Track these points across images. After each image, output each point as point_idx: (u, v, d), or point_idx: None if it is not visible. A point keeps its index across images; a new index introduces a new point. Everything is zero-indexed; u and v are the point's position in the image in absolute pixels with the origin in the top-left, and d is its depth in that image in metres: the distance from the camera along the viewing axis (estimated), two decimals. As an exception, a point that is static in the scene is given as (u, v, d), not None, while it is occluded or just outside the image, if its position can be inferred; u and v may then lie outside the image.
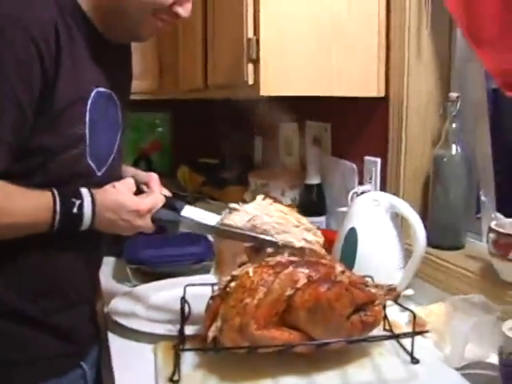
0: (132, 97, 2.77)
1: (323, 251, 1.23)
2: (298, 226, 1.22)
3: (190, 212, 1.26)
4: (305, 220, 1.24)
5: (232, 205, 1.22)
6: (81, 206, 1.11)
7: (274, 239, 1.19)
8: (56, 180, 1.12)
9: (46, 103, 1.08)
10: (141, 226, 1.19)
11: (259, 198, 1.24)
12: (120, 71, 1.32)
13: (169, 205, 1.25)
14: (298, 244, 1.20)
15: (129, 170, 1.40)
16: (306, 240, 1.21)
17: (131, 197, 1.18)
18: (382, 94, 1.67)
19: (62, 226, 1.10)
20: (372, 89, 1.67)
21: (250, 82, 1.57)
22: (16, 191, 1.07)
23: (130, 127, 3.21)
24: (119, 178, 1.24)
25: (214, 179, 2.56)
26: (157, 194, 1.24)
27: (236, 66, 1.64)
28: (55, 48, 1.07)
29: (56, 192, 1.10)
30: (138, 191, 1.23)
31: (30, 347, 1.16)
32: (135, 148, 3.22)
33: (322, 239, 1.25)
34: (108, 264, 1.87)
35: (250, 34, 1.55)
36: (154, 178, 1.29)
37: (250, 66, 1.56)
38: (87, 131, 1.15)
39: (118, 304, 1.42)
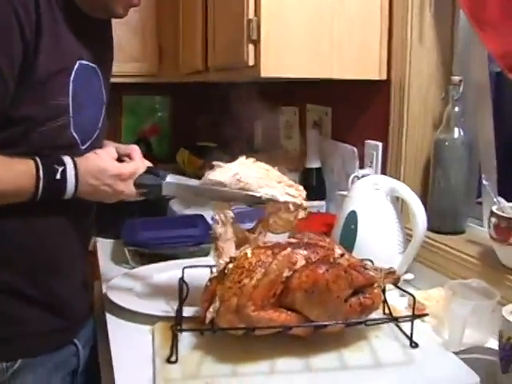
0: (131, 80, 2.79)
1: (305, 204, 1.24)
2: (280, 182, 1.24)
3: (172, 178, 1.26)
4: (286, 178, 1.26)
5: (215, 162, 1.22)
6: (64, 172, 1.12)
7: (257, 194, 1.20)
8: (38, 151, 1.12)
9: (28, 73, 1.07)
10: (123, 191, 1.20)
11: (242, 157, 1.25)
12: (103, 47, 1.32)
13: (151, 173, 1.26)
14: (282, 198, 1.20)
15: (109, 143, 1.39)
16: (288, 194, 1.22)
17: (113, 162, 1.20)
18: (384, 77, 1.65)
19: (45, 193, 1.10)
20: (373, 71, 1.65)
21: (251, 63, 1.56)
22: None
23: (129, 111, 3.23)
24: None
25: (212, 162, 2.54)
26: (138, 161, 1.25)
27: (236, 47, 1.63)
28: (35, 17, 1.07)
29: (38, 159, 1.10)
30: (120, 161, 1.24)
31: (22, 322, 1.16)
32: (134, 131, 3.21)
33: (304, 193, 1.26)
34: (106, 246, 1.87)
35: (251, 15, 1.54)
36: (135, 148, 1.29)
37: (251, 47, 1.54)
38: (70, 102, 1.15)
39: (116, 285, 1.42)
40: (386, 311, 1.22)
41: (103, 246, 1.89)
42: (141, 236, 1.64)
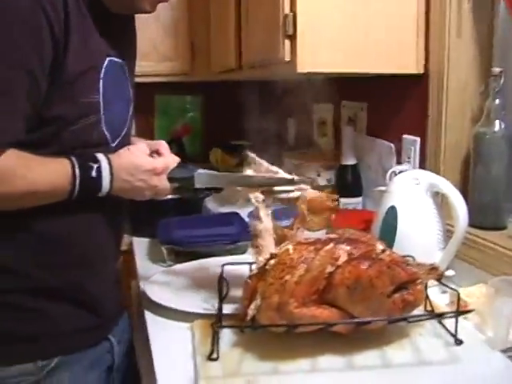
0: (164, 79, 2.80)
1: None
2: None
3: (203, 170, 1.28)
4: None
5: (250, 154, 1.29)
6: (99, 169, 1.12)
7: (289, 176, 1.24)
8: (70, 151, 1.12)
9: (58, 72, 1.07)
10: (157, 185, 1.19)
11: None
12: (128, 44, 1.33)
13: (182, 167, 1.27)
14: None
15: (137, 139, 1.40)
16: None
17: (146, 157, 1.20)
18: (421, 71, 1.63)
19: (81, 191, 1.10)
20: (410, 65, 1.63)
21: (287, 58, 1.54)
22: (34, 159, 1.07)
23: (161, 111, 3.24)
24: None
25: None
26: (169, 156, 1.25)
27: (271, 43, 1.62)
28: (64, 16, 1.07)
29: (73, 158, 1.10)
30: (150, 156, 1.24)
31: (56, 320, 1.16)
32: (167, 132, 3.21)
33: None
34: (143, 245, 1.87)
35: (287, 10, 1.52)
36: (162, 144, 1.29)
37: (287, 43, 1.53)
38: (101, 100, 1.15)
39: (154, 283, 1.42)
40: (428, 308, 1.20)
41: (139, 245, 1.89)
42: (177, 234, 1.63)
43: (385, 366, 1.03)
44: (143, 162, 1.18)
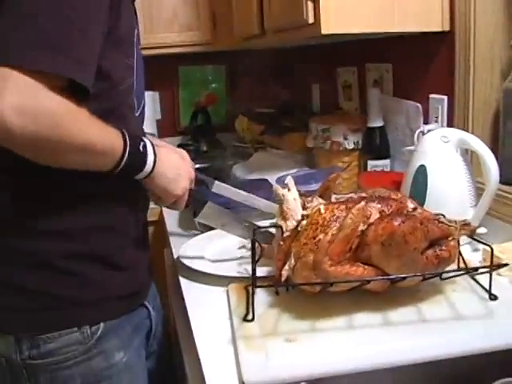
0: (186, 50, 2.80)
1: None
2: None
3: (219, 187, 1.41)
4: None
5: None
6: (145, 147, 1.12)
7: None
8: (112, 111, 1.12)
9: (114, 29, 1.07)
10: (186, 190, 1.24)
11: None
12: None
13: (198, 180, 1.35)
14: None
15: (160, 142, 1.38)
16: None
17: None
18: (447, 28, 1.60)
19: (128, 162, 1.08)
20: (436, 23, 1.60)
21: (310, 20, 1.53)
22: (93, 118, 1.04)
23: (185, 82, 3.23)
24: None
25: (273, 127, 2.52)
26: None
27: (294, 6, 1.60)
28: None
29: (123, 130, 1.10)
30: None
31: (99, 286, 1.17)
32: (191, 102, 3.21)
33: None
34: (173, 214, 1.89)
35: (309, -29, 1.51)
36: (185, 153, 1.32)
37: (310, 4, 1.51)
38: (135, 64, 1.15)
39: (187, 250, 1.44)
40: (461, 265, 1.20)
41: (169, 215, 1.91)
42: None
43: (421, 320, 1.04)
44: (187, 162, 1.25)
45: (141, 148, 1.11)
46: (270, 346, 0.98)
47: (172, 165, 1.21)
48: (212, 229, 1.58)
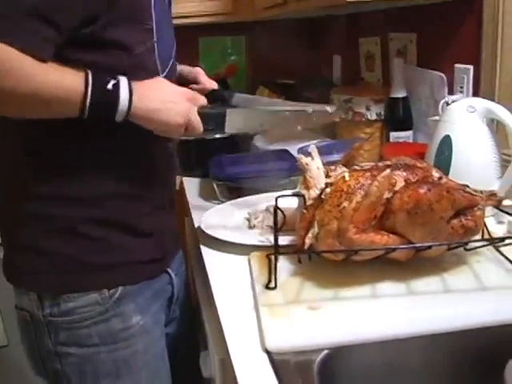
0: (207, 20, 2.77)
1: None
2: None
3: (239, 99, 1.30)
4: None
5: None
6: (116, 86, 1.04)
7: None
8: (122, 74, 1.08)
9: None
10: (190, 113, 1.13)
11: None
12: None
13: (217, 96, 1.29)
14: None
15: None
16: None
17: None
18: (474, -6, 1.57)
19: (95, 104, 1.02)
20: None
21: (335, -14, 1.51)
22: (50, 64, 1.00)
23: (205, 53, 3.21)
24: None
25: (294, 98, 2.50)
26: (206, 83, 1.32)
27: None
28: None
29: (88, 70, 1.03)
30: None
31: (123, 251, 1.18)
32: (211, 73, 3.18)
33: None
34: (193, 184, 1.89)
35: None
36: (199, 71, 1.31)
37: (335, -31, 1.49)
38: (154, 27, 1.12)
39: (209, 219, 1.43)
40: (486, 236, 1.18)
41: (190, 185, 1.91)
42: (229, 170, 1.64)
43: (446, 291, 1.03)
44: (172, 84, 1.14)
45: (110, 86, 1.03)
46: (293, 313, 0.97)
47: (156, 95, 1.10)
48: (233, 198, 1.58)
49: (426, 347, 0.97)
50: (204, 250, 1.34)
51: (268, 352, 0.92)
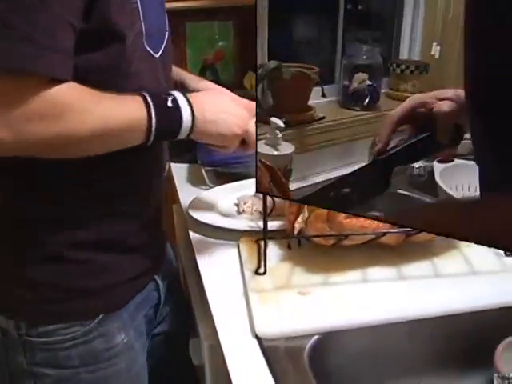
0: (191, 3, 2.73)
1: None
2: None
3: None
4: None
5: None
6: (174, 100, 0.99)
7: None
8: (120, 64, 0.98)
9: None
10: (246, 119, 1.08)
11: None
12: None
13: None
14: None
15: (181, 71, 1.30)
16: None
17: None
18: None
19: (160, 124, 0.96)
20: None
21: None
22: (99, 92, 0.92)
23: (192, 39, 3.18)
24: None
25: (282, 83, 2.49)
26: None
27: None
28: None
29: (143, 92, 0.97)
30: None
31: (109, 273, 1.10)
32: (199, 59, 3.16)
33: None
34: (181, 170, 1.86)
35: None
36: (210, 86, 1.23)
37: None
38: (139, 4, 0.99)
39: (197, 204, 1.41)
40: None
41: (178, 171, 1.88)
42: (218, 156, 1.62)
43: (436, 275, 1.03)
44: (228, 94, 1.11)
45: (169, 103, 0.98)
46: (283, 298, 0.97)
47: (213, 106, 1.05)
48: (222, 184, 1.56)
49: (416, 332, 0.96)
50: (193, 235, 1.32)
51: (258, 338, 0.91)
